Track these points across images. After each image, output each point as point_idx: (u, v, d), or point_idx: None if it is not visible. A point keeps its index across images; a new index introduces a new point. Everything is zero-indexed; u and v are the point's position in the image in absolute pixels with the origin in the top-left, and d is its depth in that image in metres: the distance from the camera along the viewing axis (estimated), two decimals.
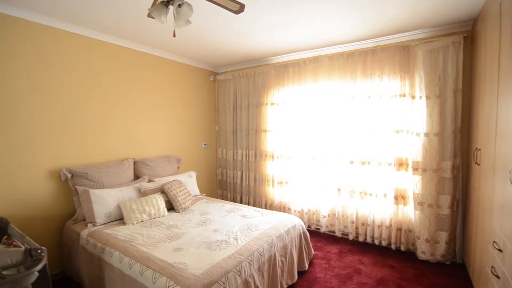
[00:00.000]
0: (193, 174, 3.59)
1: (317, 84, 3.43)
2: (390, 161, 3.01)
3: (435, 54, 2.67)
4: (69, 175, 2.56)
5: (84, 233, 2.32)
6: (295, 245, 2.48)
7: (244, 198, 4.18)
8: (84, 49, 2.75)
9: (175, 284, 1.57)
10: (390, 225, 3.02)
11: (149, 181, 3.08)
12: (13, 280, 1.38)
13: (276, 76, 3.77)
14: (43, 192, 2.50)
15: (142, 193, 2.82)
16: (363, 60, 3.08)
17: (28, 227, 2.37)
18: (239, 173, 4.23)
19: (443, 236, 2.69)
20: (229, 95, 4.26)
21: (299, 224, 2.63)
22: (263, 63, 3.97)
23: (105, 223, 2.48)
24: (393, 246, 2.99)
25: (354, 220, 3.22)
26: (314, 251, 2.97)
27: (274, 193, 3.90)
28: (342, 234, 3.38)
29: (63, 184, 2.63)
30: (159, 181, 3.04)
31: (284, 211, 3.70)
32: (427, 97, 2.72)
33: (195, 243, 2.08)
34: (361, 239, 3.20)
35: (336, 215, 3.35)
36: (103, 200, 2.52)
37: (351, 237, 3.25)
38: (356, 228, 3.25)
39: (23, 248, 1.54)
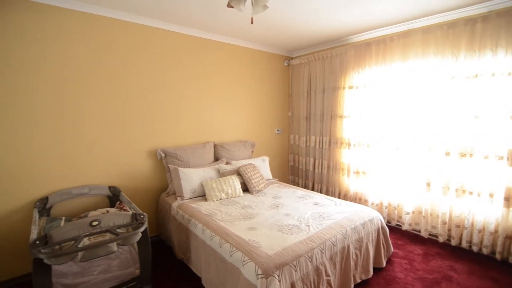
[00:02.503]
0: (266, 159, 3.70)
1: (405, 63, 3.01)
2: (502, 154, 2.45)
3: None
4: (163, 155, 2.99)
5: (175, 205, 2.69)
6: (372, 239, 2.32)
7: (316, 185, 4.10)
8: (172, 43, 3.08)
9: (249, 260, 1.67)
10: (496, 231, 2.50)
11: (227, 163, 3.32)
12: (124, 237, 1.71)
13: (356, 57, 3.46)
14: (144, 168, 2.99)
15: (221, 174, 3.06)
16: (470, 30, 2.53)
17: (133, 196, 2.89)
18: (311, 160, 4.15)
19: None
20: (303, 79, 4.15)
21: (378, 218, 2.44)
22: (341, 43, 3.69)
23: (190, 198, 2.81)
24: (498, 256, 2.49)
25: (447, 220, 2.79)
26: (394, 249, 2.72)
27: (349, 183, 3.69)
28: (430, 234, 2.98)
29: (158, 162, 3.08)
30: (235, 164, 3.25)
31: (359, 203, 3.47)
32: None
33: (267, 225, 2.16)
34: (453, 242, 2.76)
35: (423, 213, 2.97)
36: (189, 178, 2.84)
37: (441, 239, 2.84)
38: (449, 230, 2.82)
39: (130, 212, 1.88)
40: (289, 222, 2.20)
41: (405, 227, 3.12)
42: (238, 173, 3.13)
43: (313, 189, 4.15)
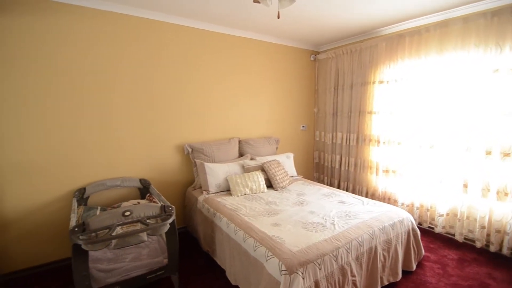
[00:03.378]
0: (291, 155, 3.67)
1: (442, 55, 2.81)
2: None
3: None
4: (190, 150, 3.07)
5: (201, 198, 2.76)
6: (401, 241, 2.22)
7: (342, 183, 4.00)
8: (198, 41, 3.13)
9: (273, 256, 1.67)
10: None
11: (251, 159, 3.34)
12: (154, 228, 1.79)
13: (387, 50, 3.30)
14: (172, 162, 3.09)
15: (245, 169, 3.09)
16: None
17: (162, 188, 3.01)
18: (338, 157, 4.04)
19: None
20: (330, 74, 4.04)
21: (408, 219, 2.33)
22: (372, 36, 3.53)
23: (215, 192, 2.87)
24: None
25: (486, 224, 2.59)
26: (425, 252, 2.58)
27: (377, 181, 3.55)
28: (465, 239, 2.79)
29: (185, 157, 3.17)
30: (260, 160, 3.26)
31: (388, 203, 3.34)
32: None
33: (291, 221, 2.14)
34: (493, 249, 2.56)
35: (458, 216, 2.78)
36: (215, 173, 2.90)
37: (478, 244, 2.65)
38: (487, 235, 2.62)
39: (159, 204, 1.96)
40: (313, 220, 2.17)
41: (438, 230, 2.95)
42: (262, 169, 3.14)
43: (339, 187, 4.05)
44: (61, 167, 2.46)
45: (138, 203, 2.50)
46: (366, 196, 3.64)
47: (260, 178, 2.96)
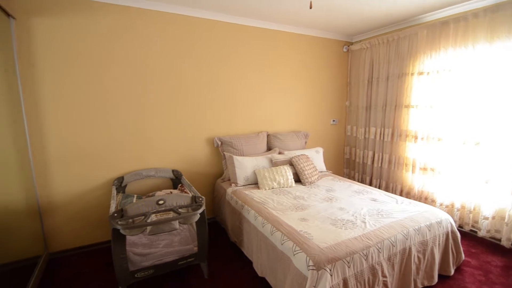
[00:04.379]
0: (320, 150, 3.59)
1: (493, 44, 2.54)
2: None
3: None
4: (219, 143, 3.14)
5: (229, 190, 2.82)
6: (439, 244, 2.09)
7: (374, 181, 3.84)
8: (228, 35, 3.15)
9: (300, 250, 1.66)
10: None
11: (279, 153, 3.33)
12: (185, 216, 1.86)
13: (428, 38, 3.06)
14: (202, 155, 3.19)
15: (273, 163, 3.08)
16: None
17: (192, 179, 3.12)
18: (370, 153, 3.88)
19: None
20: (364, 66, 3.85)
21: (447, 221, 2.17)
22: (411, 24, 3.29)
23: (243, 185, 2.91)
24: None
25: None
26: (466, 257, 2.41)
27: (413, 179, 3.35)
28: None
29: (215, 149, 3.25)
30: (288, 154, 3.23)
31: (425, 203, 3.14)
32: None
33: (320, 217, 2.11)
34: None
35: (506, 219, 2.54)
36: (243, 166, 2.94)
37: None
38: None
39: (190, 194, 2.03)
40: (343, 217, 2.11)
41: (481, 234, 2.73)
42: (290, 163, 3.11)
43: (370, 185, 3.89)
44: (102, 157, 2.65)
45: (171, 192, 2.62)
46: (401, 195, 3.46)
47: (288, 173, 2.94)
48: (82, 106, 2.52)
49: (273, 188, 2.82)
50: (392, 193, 3.35)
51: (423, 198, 3.25)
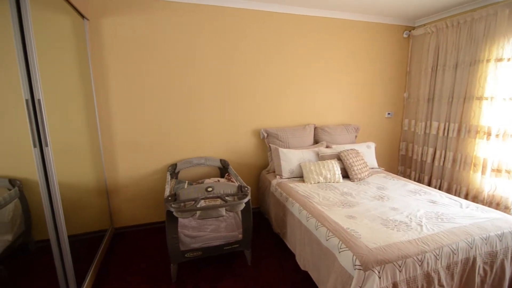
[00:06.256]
0: (372, 145, 3.36)
1: None
2: None
3: None
4: (265, 135, 3.16)
5: (274, 182, 2.83)
6: (511, 256, 1.81)
7: (434, 181, 3.47)
8: (277, 25, 3.10)
9: (347, 248, 1.60)
10: None
11: (327, 147, 3.22)
12: (231, 205, 1.94)
13: (511, 19, 2.60)
14: (248, 146, 3.25)
15: (320, 157, 3.00)
16: None
17: (239, 169, 3.22)
18: (431, 150, 3.51)
19: None
20: (428, 52, 3.45)
21: None
22: (488, 2, 2.82)
23: (288, 178, 2.89)
24: None
25: None
26: None
27: (483, 182, 2.94)
28: None
29: (261, 141, 3.28)
30: (336, 148, 3.10)
31: (497, 209, 2.74)
32: None
33: (369, 216, 1.99)
34: None
35: None
36: (288, 158, 2.91)
37: None
38: None
39: (237, 184, 2.10)
40: (395, 218, 1.96)
41: None
42: (338, 158, 2.99)
43: (429, 185, 3.54)
44: (159, 146, 2.89)
45: (218, 181, 2.74)
46: (466, 198, 3.07)
47: (336, 167, 2.83)
48: (145, 100, 2.76)
49: (318, 182, 2.75)
50: (455, 195, 3.00)
51: (494, 204, 2.84)
